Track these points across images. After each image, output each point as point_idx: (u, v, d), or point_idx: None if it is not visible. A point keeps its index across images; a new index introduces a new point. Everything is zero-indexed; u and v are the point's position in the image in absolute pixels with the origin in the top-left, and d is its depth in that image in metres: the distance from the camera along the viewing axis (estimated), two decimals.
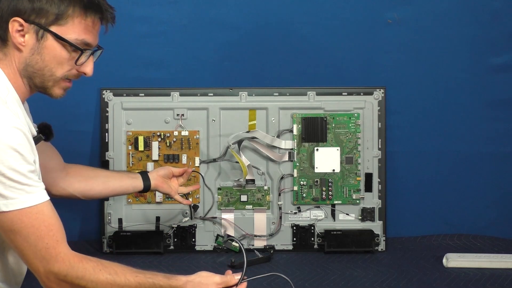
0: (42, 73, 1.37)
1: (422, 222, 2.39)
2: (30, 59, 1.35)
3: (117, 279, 1.36)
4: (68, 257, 1.32)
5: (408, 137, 2.37)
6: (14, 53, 1.34)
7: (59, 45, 1.35)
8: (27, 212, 1.26)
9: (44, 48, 1.34)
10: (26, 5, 1.30)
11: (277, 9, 2.31)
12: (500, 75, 2.34)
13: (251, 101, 2.24)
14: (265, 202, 2.25)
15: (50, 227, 1.30)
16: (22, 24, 1.32)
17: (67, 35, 1.34)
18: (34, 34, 1.33)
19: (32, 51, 1.34)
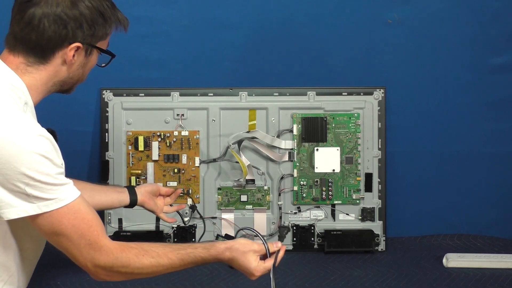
0: (77, 81, 1.50)
1: (422, 222, 2.39)
2: (74, 73, 1.46)
3: (161, 261, 1.44)
4: (110, 249, 1.38)
5: (408, 137, 2.37)
6: (56, 69, 1.42)
7: (97, 56, 1.49)
8: (65, 213, 1.31)
9: (88, 62, 1.48)
10: (86, 31, 1.40)
11: (277, 9, 2.31)
12: (500, 75, 2.34)
13: (251, 101, 2.24)
14: (265, 202, 2.25)
15: (89, 223, 1.35)
16: (79, 47, 1.42)
17: (103, 46, 1.49)
18: (84, 52, 1.44)
19: (78, 67, 1.46)
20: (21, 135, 1.28)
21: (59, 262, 1.91)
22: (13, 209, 1.29)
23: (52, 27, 1.36)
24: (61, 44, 1.39)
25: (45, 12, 1.36)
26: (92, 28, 1.41)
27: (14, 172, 1.27)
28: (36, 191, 1.29)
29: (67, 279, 1.95)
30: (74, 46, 1.41)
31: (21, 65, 1.40)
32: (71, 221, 1.32)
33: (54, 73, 1.43)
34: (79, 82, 1.51)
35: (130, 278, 1.43)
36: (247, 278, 2.00)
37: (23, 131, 1.29)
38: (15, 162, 1.26)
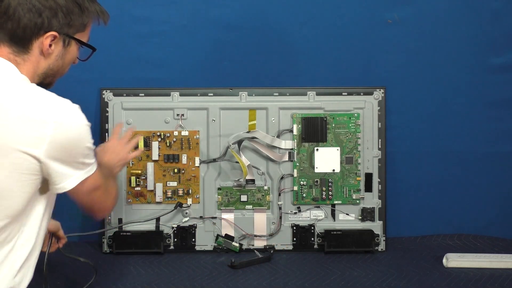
0: (58, 73, 1.51)
1: (422, 222, 2.39)
2: (53, 64, 1.48)
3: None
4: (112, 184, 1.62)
5: (408, 137, 2.37)
6: (37, 59, 1.45)
7: (77, 48, 1.51)
8: (97, 173, 1.48)
9: (67, 53, 1.49)
10: (61, 19, 1.43)
11: (277, 9, 2.31)
12: (500, 75, 2.34)
13: (251, 101, 2.24)
14: (265, 202, 2.25)
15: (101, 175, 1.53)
16: (55, 37, 1.44)
17: (83, 39, 1.51)
18: (62, 42, 1.47)
19: (57, 58, 1.48)
20: (78, 113, 1.42)
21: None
22: (71, 179, 1.42)
23: (27, 15, 1.39)
24: (37, 32, 1.42)
25: (20, 1, 1.39)
26: (67, 18, 1.44)
27: (81, 148, 1.42)
28: (88, 159, 1.44)
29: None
30: (50, 34, 1.43)
31: (10, 55, 1.43)
32: (101, 177, 1.51)
33: (36, 64, 1.45)
34: (59, 75, 1.53)
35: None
36: (247, 278, 2.01)
37: (75, 108, 1.42)
38: (83, 139, 1.41)
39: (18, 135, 1.34)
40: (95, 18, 1.51)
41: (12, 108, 1.35)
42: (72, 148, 1.39)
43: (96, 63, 2.26)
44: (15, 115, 1.35)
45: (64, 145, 1.37)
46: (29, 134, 1.35)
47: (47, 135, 1.35)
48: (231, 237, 2.23)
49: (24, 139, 1.34)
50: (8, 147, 1.35)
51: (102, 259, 2.13)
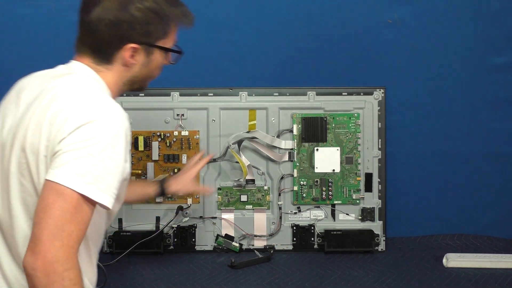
0: (145, 80, 1.54)
1: (422, 222, 2.40)
2: (138, 73, 1.50)
3: None
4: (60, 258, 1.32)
5: (408, 137, 2.37)
6: (120, 70, 1.48)
7: (162, 54, 1.52)
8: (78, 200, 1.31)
9: (152, 61, 1.50)
10: (140, 31, 1.44)
11: (276, 9, 2.31)
12: (500, 75, 2.34)
13: (251, 101, 2.24)
14: (265, 202, 2.25)
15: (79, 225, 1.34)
16: (136, 48, 1.46)
17: (168, 44, 1.52)
18: (144, 52, 1.48)
19: (141, 67, 1.50)
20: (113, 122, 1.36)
21: None
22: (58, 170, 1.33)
23: (107, 30, 1.43)
24: (118, 46, 1.45)
25: (100, 17, 1.42)
26: (146, 28, 1.45)
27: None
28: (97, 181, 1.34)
29: None
30: (129, 47, 1.45)
31: (92, 65, 1.46)
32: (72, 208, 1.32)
33: (120, 73, 1.48)
34: (150, 79, 1.55)
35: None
36: (247, 278, 2.01)
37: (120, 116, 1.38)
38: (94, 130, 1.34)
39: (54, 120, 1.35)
40: (178, 23, 1.52)
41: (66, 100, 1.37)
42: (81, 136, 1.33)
43: None
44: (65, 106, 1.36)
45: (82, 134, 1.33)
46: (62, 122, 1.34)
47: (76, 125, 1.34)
48: (231, 237, 2.23)
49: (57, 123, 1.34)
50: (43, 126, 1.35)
51: (102, 259, 2.13)
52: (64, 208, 1.29)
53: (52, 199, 1.29)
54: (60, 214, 1.28)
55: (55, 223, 1.28)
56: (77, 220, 1.30)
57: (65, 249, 1.28)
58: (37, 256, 1.26)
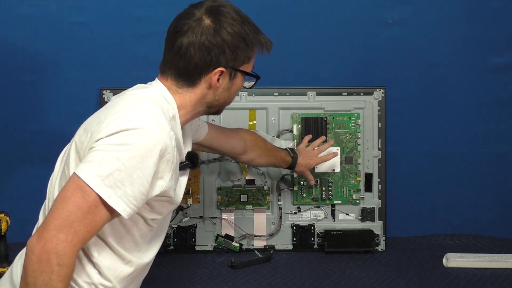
0: (223, 104, 1.58)
1: (422, 222, 2.39)
2: (220, 96, 1.55)
3: None
4: (60, 251, 1.34)
5: (408, 137, 2.37)
6: (204, 92, 1.52)
7: (242, 78, 1.58)
8: (94, 200, 1.34)
9: (234, 85, 1.56)
10: (228, 55, 1.50)
11: (276, 9, 2.31)
12: (500, 75, 2.34)
13: (251, 101, 2.24)
14: (265, 202, 2.25)
15: (90, 227, 1.36)
16: (223, 72, 1.51)
17: (248, 69, 1.58)
18: (228, 75, 1.53)
19: (223, 90, 1.55)
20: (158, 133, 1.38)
21: None
22: (84, 169, 1.36)
23: (198, 54, 1.47)
24: (207, 69, 1.49)
25: (191, 41, 1.47)
26: (234, 53, 1.51)
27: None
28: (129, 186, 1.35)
29: None
30: (218, 70, 1.50)
31: (172, 86, 1.51)
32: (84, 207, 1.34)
33: (201, 96, 1.53)
34: (226, 104, 1.60)
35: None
36: (247, 278, 2.01)
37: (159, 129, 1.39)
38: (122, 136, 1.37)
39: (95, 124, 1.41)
40: (259, 49, 1.58)
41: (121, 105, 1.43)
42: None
43: (96, 63, 2.28)
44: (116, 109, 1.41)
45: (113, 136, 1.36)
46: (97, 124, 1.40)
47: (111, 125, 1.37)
48: (231, 237, 2.23)
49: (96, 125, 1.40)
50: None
51: None
52: (79, 204, 1.32)
53: (71, 192, 1.33)
54: (73, 210, 1.32)
55: (66, 217, 1.31)
56: (87, 221, 1.33)
57: (67, 244, 1.30)
58: (39, 241, 1.30)
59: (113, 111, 1.41)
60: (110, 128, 1.36)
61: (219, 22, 1.48)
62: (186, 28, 1.48)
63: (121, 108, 1.41)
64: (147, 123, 1.37)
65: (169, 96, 1.50)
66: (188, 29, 1.48)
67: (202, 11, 1.49)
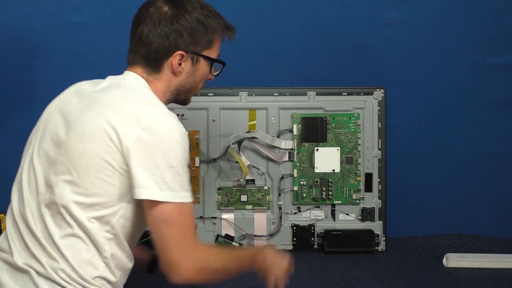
0: (191, 90, 1.61)
1: (422, 222, 2.39)
2: (185, 81, 1.58)
3: (231, 262, 1.57)
4: (203, 247, 1.51)
5: (408, 137, 2.37)
6: (168, 78, 1.56)
7: (207, 64, 1.60)
8: (184, 207, 1.43)
9: (197, 70, 1.59)
10: (186, 39, 1.54)
11: (277, 9, 2.31)
12: (500, 75, 2.34)
13: (251, 101, 2.24)
14: (265, 202, 2.25)
15: (193, 223, 1.49)
16: (183, 55, 1.55)
17: (212, 55, 1.61)
18: (190, 60, 1.57)
19: (187, 75, 1.58)
20: (177, 126, 1.44)
21: None
22: (145, 189, 1.40)
23: (157, 39, 1.53)
24: (166, 54, 1.54)
25: (150, 27, 1.53)
26: (192, 37, 1.55)
27: (163, 161, 1.41)
28: (173, 182, 1.41)
29: None
30: (177, 54, 1.54)
31: (143, 74, 1.55)
32: (186, 215, 1.44)
33: (168, 83, 1.57)
34: (193, 91, 1.62)
35: (208, 280, 1.51)
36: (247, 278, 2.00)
37: (177, 123, 1.45)
38: (167, 153, 1.41)
39: (113, 119, 1.42)
40: (221, 34, 1.61)
41: (117, 100, 1.46)
42: (155, 152, 1.41)
43: (96, 63, 2.28)
44: (116, 105, 1.44)
45: (147, 147, 1.40)
46: (122, 123, 1.41)
47: (138, 127, 1.40)
48: (231, 237, 2.23)
49: (116, 123, 1.41)
50: (101, 125, 1.42)
51: None
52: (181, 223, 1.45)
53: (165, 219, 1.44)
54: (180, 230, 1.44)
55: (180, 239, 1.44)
56: (191, 223, 1.47)
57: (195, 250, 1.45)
58: (182, 275, 1.44)
59: (139, 113, 1.43)
60: (129, 129, 1.41)
61: (177, 8, 1.54)
62: (146, 15, 1.54)
63: (141, 112, 1.43)
64: (157, 116, 1.44)
65: (146, 84, 1.55)
66: (147, 16, 1.54)
67: (162, 0, 1.56)
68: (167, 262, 1.44)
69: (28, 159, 1.53)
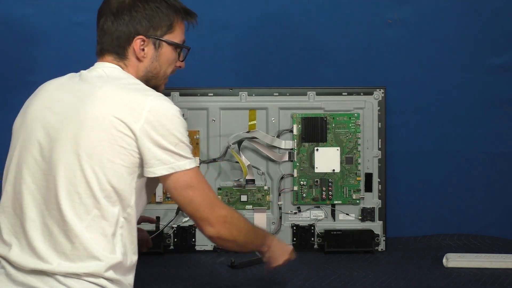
0: (158, 75, 1.65)
1: (422, 222, 2.39)
2: (151, 67, 1.63)
3: (251, 229, 1.69)
4: (226, 206, 1.61)
5: (408, 137, 2.37)
6: (135, 64, 1.62)
7: (171, 49, 1.64)
8: (198, 170, 1.56)
9: (161, 55, 1.64)
10: (145, 24, 1.60)
11: (277, 9, 2.31)
12: (500, 75, 2.34)
13: (251, 101, 2.24)
14: (265, 202, 2.25)
15: (208, 184, 1.60)
16: (143, 40, 1.60)
17: (175, 40, 1.65)
18: (152, 45, 1.62)
19: (152, 60, 1.63)
20: (172, 104, 1.52)
21: None
22: (162, 166, 1.49)
23: (118, 28, 1.59)
24: (127, 39, 1.60)
25: (110, 17, 1.60)
26: (151, 22, 1.60)
27: (172, 135, 1.49)
28: (182, 151, 1.50)
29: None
30: (137, 38, 1.60)
31: (114, 61, 1.61)
32: (202, 177, 1.57)
33: (136, 70, 1.62)
34: (162, 77, 1.66)
35: (233, 238, 1.60)
36: (247, 278, 2.01)
37: (172, 103, 1.53)
38: (174, 127, 1.49)
39: (118, 109, 1.47)
40: (180, 18, 1.65)
41: (114, 90, 1.51)
42: (164, 132, 1.48)
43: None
44: (117, 95, 1.49)
45: (157, 126, 1.47)
46: (128, 111, 1.47)
47: (143, 114, 1.47)
48: None
49: (123, 113, 1.47)
50: (106, 117, 1.46)
51: None
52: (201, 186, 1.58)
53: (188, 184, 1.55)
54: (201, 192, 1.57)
55: (204, 198, 1.56)
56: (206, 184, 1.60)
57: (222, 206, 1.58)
58: (214, 228, 1.56)
59: (115, 95, 1.49)
60: (136, 114, 1.47)
61: None
62: (106, 6, 1.62)
63: (119, 91, 1.51)
64: (155, 96, 1.52)
65: (120, 68, 1.61)
66: (107, 7, 1.61)
67: None
68: (198, 221, 1.56)
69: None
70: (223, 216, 1.56)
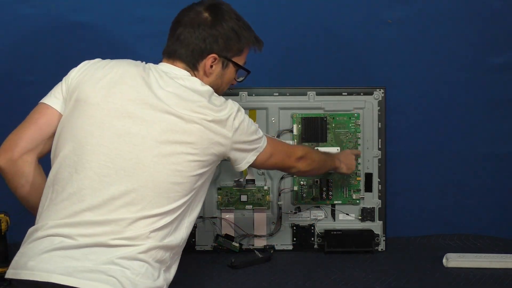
0: (218, 91, 1.74)
1: (422, 222, 2.40)
2: (213, 83, 1.74)
3: (323, 156, 2.03)
4: (300, 147, 1.98)
5: (408, 137, 2.37)
6: (201, 77, 1.72)
7: (234, 70, 1.79)
8: (269, 138, 1.80)
9: (225, 74, 1.77)
10: (221, 44, 1.72)
11: (276, 9, 2.31)
12: (500, 75, 2.34)
13: (251, 101, 2.24)
14: (265, 202, 2.25)
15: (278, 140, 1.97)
16: (215, 58, 1.72)
17: (240, 62, 1.79)
18: (221, 64, 1.74)
19: (216, 77, 1.75)
20: (240, 108, 1.71)
21: None
22: (245, 161, 1.73)
23: (195, 41, 1.70)
24: (201, 55, 1.71)
25: (189, 30, 1.70)
26: (226, 43, 1.72)
27: (249, 136, 1.71)
28: (255, 143, 1.73)
29: None
30: (211, 56, 1.71)
31: (186, 68, 1.71)
32: (275, 142, 1.84)
33: (203, 81, 1.71)
34: (218, 93, 1.74)
35: (312, 168, 1.93)
36: (247, 278, 2.01)
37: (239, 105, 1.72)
38: (249, 128, 1.71)
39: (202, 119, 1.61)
40: (250, 45, 1.79)
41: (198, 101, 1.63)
42: (245, 138, 1.69)
43: None
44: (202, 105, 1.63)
45: (240, 138, 1.67)
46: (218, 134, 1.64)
47: (230, 133, 1.65)
48: (231, 237, 2.23)
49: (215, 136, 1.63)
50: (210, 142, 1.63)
51: None
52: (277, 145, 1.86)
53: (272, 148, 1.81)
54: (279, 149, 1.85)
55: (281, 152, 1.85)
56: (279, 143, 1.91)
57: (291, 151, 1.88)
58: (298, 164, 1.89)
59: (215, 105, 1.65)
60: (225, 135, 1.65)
61: (216, 16, 1.71)
62: (186, 19, 1.71)
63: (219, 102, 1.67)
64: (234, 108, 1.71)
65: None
66: (187, 20, 1.71)
67: (202, 7, 1.72)
68: (290, 170, 1.92)
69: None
70: (300, 156, 1.87)
